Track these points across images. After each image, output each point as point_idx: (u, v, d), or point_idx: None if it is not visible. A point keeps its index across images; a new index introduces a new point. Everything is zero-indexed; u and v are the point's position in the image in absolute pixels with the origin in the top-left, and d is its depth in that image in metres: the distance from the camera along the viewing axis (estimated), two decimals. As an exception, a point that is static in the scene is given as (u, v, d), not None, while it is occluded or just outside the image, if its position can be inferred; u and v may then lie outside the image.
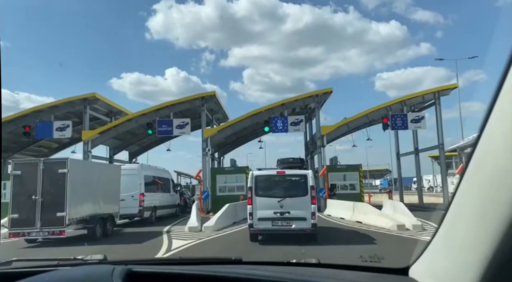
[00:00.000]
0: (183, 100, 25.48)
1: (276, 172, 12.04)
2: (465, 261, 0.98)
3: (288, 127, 24.82)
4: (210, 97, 25.69)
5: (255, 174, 11.43)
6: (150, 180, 19.14)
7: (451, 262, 1.08)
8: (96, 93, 24.81)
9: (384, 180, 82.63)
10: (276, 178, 11.71)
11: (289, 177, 11.89)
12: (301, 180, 11.41)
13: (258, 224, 10.89)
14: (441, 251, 1.18)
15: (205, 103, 25.55)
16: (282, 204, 10.82)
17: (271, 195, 11.08)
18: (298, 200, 10.97)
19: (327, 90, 25.30)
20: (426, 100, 25.94)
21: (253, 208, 10.93)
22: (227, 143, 33.01)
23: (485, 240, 0.86)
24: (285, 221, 10.79)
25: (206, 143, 25.20)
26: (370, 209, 17.21)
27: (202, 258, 2.07)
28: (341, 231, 14.84)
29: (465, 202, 1.01)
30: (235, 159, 31.07)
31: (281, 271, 1.59)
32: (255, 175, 11.34)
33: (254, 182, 11.14)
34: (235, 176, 26.88)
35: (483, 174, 0.89)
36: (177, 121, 25.46)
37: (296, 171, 13.28)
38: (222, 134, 25.96)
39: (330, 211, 21.18)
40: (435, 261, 1.22)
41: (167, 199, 21.32)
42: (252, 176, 11.31)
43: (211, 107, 28.26)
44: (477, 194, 0.93)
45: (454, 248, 1.06)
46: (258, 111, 25.33)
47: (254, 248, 10.81)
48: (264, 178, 11.51)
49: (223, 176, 27.00)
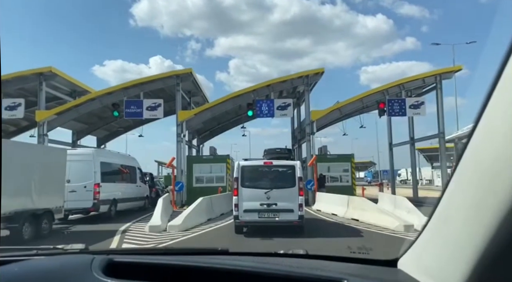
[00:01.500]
0: (154, 78, 22.38)
1: (263, 162, 11.89)
2: (456, 253, 0.98)
3: (274, 111, 22.03)
4: (186, 76, 22.64)
5: (242, 164, 11.16)
6: (110, 168, 16.10)
7: (442, 254, 1.07)
8: (52, 67, 21.42)
9: (369, 172, 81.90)
10: (263, 169, 11.53)
11: (276, 168, 11.74)
12: (288, 171, 11.22)
13: (244, 216, 10.73)
14: (431, 243, 1.17)
15: (180, 83, 22.51)
16: (269, 195, 10.67)
17: (258, 186, 10.95)
18: (285, 191, 10.82)
19: (318, 70, 22.57)
20: (427, 84, 23.50)
21: (239, 199, 10.74)
22: (206, 129, 29.95)
23: (478, 232, 0.86)
24: (272, 212, 10.69)
25: (181, 128, 22.21)
26: (369, 205, 14.65)
27: (188, 248, 1.99)
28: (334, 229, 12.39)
29: (458, 193, 1.00)
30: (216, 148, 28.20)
31: (268, 262, 1.59)
32: (241, 165, 11.09)
33: (240, 172, 10.91)
34: (215, 165, 24.08)
35: (478, 165, 0.88)
36: (148, 102, 22.36)
37: (284, 161, 12.92)
38: (200, 118, 22.98)
39: (320, 205, 18.60)
40: (425, 253, 1.21)
41: (133, 190, 18.34)
42: (238, 166, 11.04)
43: (188, 89, 25.21)
44: (470, 185, 0.92)
45: (446, 240, 1.06)
46: (241, 93, 22.45)
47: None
48: (250, 168, 11.30)
49: (200, 165, 24.15)
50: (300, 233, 10.73)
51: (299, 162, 12.28)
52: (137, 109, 22.30)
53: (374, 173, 77.67)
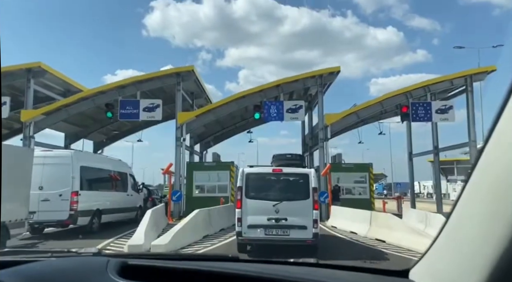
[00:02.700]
0: (153, 75, 20.31)
1: (272, 170, 10.39)
2: (469, 263, 0.96)
3: (284, 114, 19.79)
4: (188, 74, 20.54)
5: (246, 172, 9.76)
6: (93, 174, 13.92)
7: (454, 264, 1.06)
8: (41, 63, 19.49)
9: (379, 185, 79.08)
10: (272, 177, 10.09)
11: (287, 176, 10.21)
12: (301, 180, 9.81)
13: (248, 232, 9.28)
14: (443, 253, 1.15)
15: (181, 82, 20.42)
16: (278, 209, 9.30)
17: (265, 198, 9.58)
18: (297, 204, 9.48)
19: (333, 69, 20.30)
20: (455, 86, 21.06)
21: (242, 212, 9.34)
22: (210, 133, 27.72)
23: (492, 242, 0.85)
24: (281, 229, 9.25)
25: (180, 131, 20.06)
26: (397, 223, 12.24)
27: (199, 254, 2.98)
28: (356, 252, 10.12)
29: (471, 203, 0.99)
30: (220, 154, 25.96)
31: (278, 270, 1.56)
32: (246, 173, 9.69)
33: (244, 180, 9.51)
34: (217, 173, 21.83)
35: (492, 174, 0.88)
36: (145, 102, 20.30)
37: (296, 169, 11.23)
38: (201, 120, 20.81)
39: (336, 221, 16.17)
40: (437, 263, 1.18)
41: (122, 199, 16.11)
42: (242, 174, 9.68)
43: (191, 90, 23.14)
44: (484, 195, 0.91)
45: (458, 251, 1.05)
46: (247, 94, 20.25)
47: None
48: (256, 176, 9.87)
49: (201, 172, 21.92)
50: (314, 254, 8.87)
51: (313, 169, 10.34)
52: (133, 110, 20.24)
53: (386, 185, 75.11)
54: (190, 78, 20.78)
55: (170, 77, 20.49)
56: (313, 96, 24.72)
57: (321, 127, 20.02)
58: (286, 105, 19.73)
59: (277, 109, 19.59)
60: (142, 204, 18.73)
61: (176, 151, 20.00)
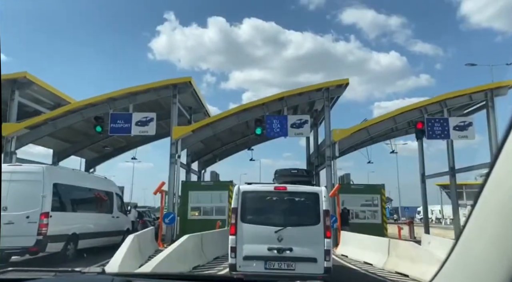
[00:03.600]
0: (147, 87, 18.84)
1: (274, 188, 8.42)
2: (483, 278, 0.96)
3: (287, 129, 18.18)
4: (185, 86, 19.07)
5: (243, 190, 8.10)
6: (69, 193, 12.16)
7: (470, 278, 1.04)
8: (27, 73, 18.12)
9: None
10: (274, 197, 8.42)
11: (293, 196, 8.41)
12: (309, 201, 8.12)
13: (244, 266, 7.63)
14: (457, 269, 1.13)
15: (177, 94, 18.95)
16: (281, 236, 7.67)
17: (265, 222, 7.98)
18: (305, 230, 7.85)
19: (341, 82, 18.78)
20: (475, 102, 19.44)
21: (237, 240, 7.74)
22: (208, 150, 26.03)
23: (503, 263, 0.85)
24: (285, 262, 7.61)
25: (175, 146, 18.44)
26: (421, 253, 10.36)
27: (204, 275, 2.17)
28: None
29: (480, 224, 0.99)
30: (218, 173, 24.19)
31: None
32: (242, 191, 8.06)
33: (240, 201, 7.94)
34: (215, 193, 20.06)
35: (500, 195, 0.88)
36: (137, 116, 18.78)
37: (303, 187, 9.05)
38: (199, 136, 19.19)
39: (347, 249, 14.27)
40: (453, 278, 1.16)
41: (106, 222, 14.33)
42: (238, 192, 8.03)
43: (188, 104, 21.68)
44: (493, 216, 0.91)
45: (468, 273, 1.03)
46: (248, 107, 18.70)
47: None
48: (255, 195, 8.26)
49: (198, 192, 20.17)
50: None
51: (324, 188, 8.55)
52: (124, 125, 18.70)
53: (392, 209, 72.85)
54: (187, 91, 19.31)
55: (166, 89, 19.03)
56: (318, 112, 23.18)
57: (328, 144, 18.34)
58: (290, 120, 18.15)
59: (281, 124, 17.99)
60: (131, 227, 16.93)
61: (170, 169, 18.31)
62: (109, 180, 15.88)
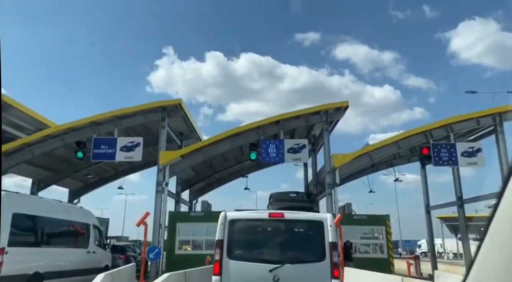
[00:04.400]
0: (133, 109, 17.60)
1: (268, 215, 6.79)
2: None
3: (284, 154, 16.85)
4: (174, 109, 17.87)
5: (230, 218, 6.59)
6: (33, 224, 10.59)
7: None
8: (5, 95, 16.89)
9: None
10: (268, 227, 6.93)
11: (291, 225, 6.92)
12: (312, 232, 6.70)
13: None
14: None
15: (166, 117, 17.72)
16: (277, 276, 6.10)
17: (258, 258, 6.41)
18: (307, 268, 6.34)
19: (341, 104, 17.69)
20: (482, 126, 18.33)
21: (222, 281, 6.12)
22: (200, 178, 24.48)
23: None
24: None
25: (163, 173, 16.99)
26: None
27: None
28: None
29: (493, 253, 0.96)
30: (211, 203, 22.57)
31: None
32: (229, 219, 6.56)
33: (227, 231, 6.44)
34: (206, 225, 18.39)
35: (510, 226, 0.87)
36: (122, 141, 17.43)
37: (304, 214, 7.27)
38: (189, 161, 17.80)
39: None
40: None
41: (79, 258, 12.64)
42: (224, 221, 6.51)
43: (179, 129, 20.44)
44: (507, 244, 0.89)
45: None
46: (242, 130, 17.44)
47: None
48: (245, 225, 6.78)
49: (187, 224, 18.54)
50: None
51: (330, 215, 7.01)
52: (108, 150, 17.30)
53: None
54: (178, 114, 18.09)
55: (154, 112, 17.80)
56: (316, 137, 21.96)
57: (328, 171, 16.97)
58: (287, 144, 16.86)
59: (277, 149, 16.69)
60: (110, 263, 15.17)
61: (156, 198, 16.76)
62: (85, 210, 14.31)
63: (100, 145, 17.36)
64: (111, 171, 24.79)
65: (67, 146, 17.91)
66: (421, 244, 57.68)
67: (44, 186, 21.40)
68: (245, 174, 25.34)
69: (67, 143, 17.59)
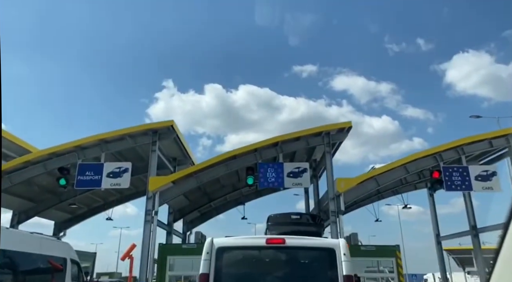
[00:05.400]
0: (122, 132, 16.43)
1: (266, 241, 5.42)
2: None
3: (284, 179, 15.57)
4: (166, 131, 16.73)
5: (218, 245, 5.32)
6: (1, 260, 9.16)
7: None
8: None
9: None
10: (265, 256, 5.52)
11: (295, 254, 5.44)
12: (320, 262, 5.32)
13: None
14: None
15: (157, 141, 16.56)
16: None
17: None
18: None
19: (343, 125, 16.59)
20: (496, 149, 17.19)
21: None
22: (194, 207, 22.92)
23: None
24: None
25: (152, 201, 15.62)
26: None
27: None
28: None
29: None
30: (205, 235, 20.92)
31: None
32: (216, 247, 5.29)
33: (213, 263, 5.18)
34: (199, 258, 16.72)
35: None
36: (109, 166, 16.17)
37: (310, 240, 5.71)
38: (181, 188, 16.44)
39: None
40: None
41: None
42: (210, 250, 5.28)
43: (172, 154, 19.25)
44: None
45: None
46: (238, 153, 16.21)
47: None
48: (237, 254, 5.47)
49: (179, 257, 16.81)
50: None
51: (343, 240, 5.59)
52: (94, 176, 16.02)
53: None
54: (169, 137, 16.94)
55: (144, 136, 16.66)
56: (318, 162, 20.74)
57: (331, 197, 15.63)
58: (286, 168, 15.61)
59: (276, 173, 15.41)
60: (90, 302, 13.50)
61: (144, 228, 15.32)
62: (62, 242, 12.81)
63: (85, 171, 16.09)
64: (99, 200, 23.31)
65: (50, 172, 16.64)
66: (427, 278, 55.15)
67: (25, 218, 19.85)
68: (243, 202, 23.80)
69: (50, 170, 16.33)
